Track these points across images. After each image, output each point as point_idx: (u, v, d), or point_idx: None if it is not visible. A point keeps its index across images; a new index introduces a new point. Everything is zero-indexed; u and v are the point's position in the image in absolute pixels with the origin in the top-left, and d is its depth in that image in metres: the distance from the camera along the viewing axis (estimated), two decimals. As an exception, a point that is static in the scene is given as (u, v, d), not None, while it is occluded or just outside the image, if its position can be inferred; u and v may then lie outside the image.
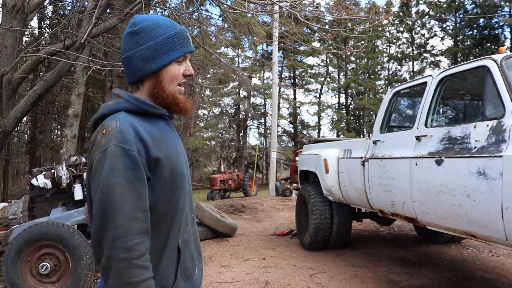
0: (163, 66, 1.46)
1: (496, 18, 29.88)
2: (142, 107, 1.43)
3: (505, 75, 3.19)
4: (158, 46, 1.44)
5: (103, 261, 1.28)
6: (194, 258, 1.57)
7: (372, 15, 8.17)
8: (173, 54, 1.46)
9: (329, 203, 6.20)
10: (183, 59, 1.51)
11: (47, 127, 18.24)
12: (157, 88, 1.47)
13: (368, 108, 35.98)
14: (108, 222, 1.26)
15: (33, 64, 7.29)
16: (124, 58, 1.48)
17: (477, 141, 3.21)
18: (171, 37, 1.47)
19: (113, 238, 1.25)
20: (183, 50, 1.49)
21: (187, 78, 1.56)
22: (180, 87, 1.53)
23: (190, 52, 1.53)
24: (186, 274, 1.50)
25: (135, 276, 1.25)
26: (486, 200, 3.02)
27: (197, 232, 1.65)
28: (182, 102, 1.52)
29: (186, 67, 1.53)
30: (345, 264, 5.55)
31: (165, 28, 1.47)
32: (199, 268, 1.61)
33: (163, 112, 1.49)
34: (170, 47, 1.46)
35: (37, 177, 5.14)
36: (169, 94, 1.48)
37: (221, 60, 11.39)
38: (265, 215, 10.42)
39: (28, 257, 4.33)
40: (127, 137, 1.33)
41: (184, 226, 1.52)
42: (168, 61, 1.46)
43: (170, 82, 1.48)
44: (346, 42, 32.16)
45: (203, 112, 35.50)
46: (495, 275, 5.02)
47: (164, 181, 1.41)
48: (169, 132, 1.52)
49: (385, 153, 4.57)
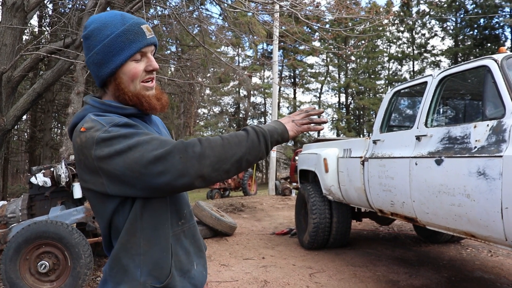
0: (115, 68, 1.37)
1: (496, 18, 29.91)
2: (109, 109, 1.38)
3: (506, 75, 3.18)
4: (106, 49, 1.35)
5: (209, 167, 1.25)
6: (191, 253, 1.48)
7: (372, 14, 8.17)
8: (123, 54, 1.36)
9: (328, 203, 6.20)
10: (141, 54, 1.39)
11: (47, 126, 18.24)
12: (118, 92, 1.39)
13: (368, 108, 36.02)
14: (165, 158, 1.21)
15: (32, 62, 7.29)
16: (86, 64, 1.45)
17: (477, 141, 3.20)
18: (119, 36, 1.36)
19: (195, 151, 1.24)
20: (135, 47, 1.37)
21: (154, 73, 1.44)
22: (146, 83, 1.41)
23: (147, 46, 1.40)
24: (181, 269, 1.42)
25: (210, 141, 1.28)
26: (486, 200, 3.01)
27: (196, 226, 1.57)
28: (147, 101, 1.41)
29: (148, 62, 1.41)
30: (344, 264, 5.55)
31: (112, 27, 1.37)
32: (200, 264, 1.53)
33: (131, 111, 1.40)
34: (119, 47, 1.35)
35: (36, 175, 5.13)
36: (131, 95, 1.39)
37: (221, 59, 11.37)
38: (264, 214, 10.42)
39: (26, 256, 4.32)
40: (108, 118, 1.30)
41: (175, 220, 1.44)
42: (119, 62, 1.36)
43: (130, 82, 1.39)
44: (346, 41, 32.16)
45: (203, 111, 35.57)
46: (494, 275, 5.01)
47: None
48: (145, 129, 1.42)
49: (385, 152, 4.56)
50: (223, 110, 36.80)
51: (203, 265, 1.56)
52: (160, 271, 1.36)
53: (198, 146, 1.25)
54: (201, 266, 1.54)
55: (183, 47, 17.17)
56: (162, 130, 1.61)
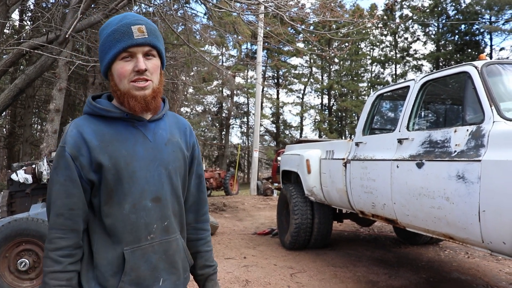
0: (107, 66, 1.45)
1: (476, 24, 30.41)
2: (96, 111, 1.47)
3: (485, 81, 3.26)
4: (101, 47, 1.46)
5: None
6: (158, 269, 1.48)
7: (356, 18, 8.24)
8: (110, 53, 1.42)
9: (310, 204, 6.25)
10: (130, 54, 1.41)
11: (27, 122, 17.97)
12: (112, 88, 1.47)
13: (350, 110, 36.24)
14: (48, 213, 1.43)
15: (14, 58, 7.18)
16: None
17: (457, 145, 3.28)
18: (110, 35, 1.42)
19: (48, 228, 1.41)
20: (119, 46, 1.40)
21: (146, 74, 1.43)
22: (136, 83, 1.42)
23: (134, 46, 1.41)
24: (138, 284, 1.44)
25: (47, 266, 1.37)
26: (464, 203, 3.08)
27: (173, 241, 1.55)
28: (129, 102, 1.43)
29: (135, 63, 1.42)
30: (325, 264, 5.60)
31: (109, 26, 1.45)
32: (169, 280, 1.52)
33: (117, 115, 1.46)
34: (108, 46, 1.42)
35: (17, 172, 5.07)
36: (120, 93, 1.44)
37: (205, 58, 11.36)
38: (246, 214, 10.44)
39: (6, 253, 4.25)
40: (67, 138, 1.41)
41: (143, 234, 1.46)
42: (107, 60, 1.43)
43: (119, 81, 1.43)
44: (330, 43, 32.34)
45: (186, 110, 35.33)
46: (470, 276, 5.12)
47: (107, 184, 1.41)
48: (130, 134, 1.47)
49: (367, 155, 4.62)
50: (206, 109, 36.61)
51: (174, 282, 1.54)
52: (106, 283, 1.43)
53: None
54: (171, 282, 1.53)
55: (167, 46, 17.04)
56: (167, 135, 1.57)
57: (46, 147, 8.89)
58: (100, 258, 1.42)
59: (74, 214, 1.40)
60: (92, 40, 9.60)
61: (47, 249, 1.37)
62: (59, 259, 1.36)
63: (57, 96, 9.60)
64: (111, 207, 1.42)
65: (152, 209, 1.48)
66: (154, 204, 1.48)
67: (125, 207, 1.43)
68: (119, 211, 1.43)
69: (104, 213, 1.43)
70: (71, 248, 1.38)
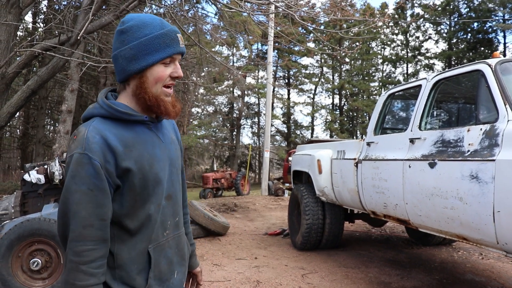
0: (146, 66, 1.42)
1: (490, 22, 30.13)
2: (115, 114, 1.42)
3: (499, 79, 3.21)
4: (141, 46, 1.41)
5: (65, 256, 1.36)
6: (173, 263, 1.58)
7: (367, 17, 8.19)
8: (157, 55, 1.42)
9: (321, 204, 6.22)
10: (171, 60, 1.46)
11: (40, 123, 18.15)
12: (140, 89, 1.44)
13: (361, 110, 36.09)
14: (66, 224, 1.34)
15: (27, 59, 7.24)
16: (112, 56, 1.49)
17: (470, 145, 3.23)
18: (157, 38, 1.42)
19: (69, 240, 1.33)
20: (169, 51, 1.44)
21: (175, 81, 1.51)
22: (166, 89, 1.47)
23: (178, 54, 1.48)
24: (160, 278, 1.51)
25: (79, 280, 1.31)
26: (478, 204, 3.04)
27: (182, 235, 1.66)
28: (164, 106, 1.47)
29: (174, 69, 1.48)
30: (337, 265, 5.57)
31: (151, 28, 1.43)
32: (180, 271, 1.63)
33: (139, 118, 1.46)
34: (155, 48, 1.42)
35: (29, 172, 5.11)
36: (151, 96, 1.44)
37: (216, 59, 11.36)
38: (257, 215, 10.42)
39: (19, 253, 4.29)
40: (92, 145, 1.34)
41: (160, 231, 1.52)
42: (151, 62, 1.42)
43: (154, 84, 1.44)
44: (340, 43, 32.25)
45: (196, 110, 35.48)
46: (485, 278, 5.06)
47: (134, 189, 1.42)
48: (148, 137, 1.49)
49: (379, 154, 4.59)
50: (217, 110, 36.76)
51: (183, 272, 1.66)
52: (134, 282, 1.45)
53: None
54: (182, 274, 1.64)
55: (178, 46, 17.13)
56: (169, 134, 1.65)
57: (58, 148, 8.96)
58: (123, 259, 1.43)
59: (105, 225, 1.36)
60: (103, 41, 9.66)
61: (77, 262, 1.30)
62: (94, 271, 1.33)
63: (69, 97, 9.68)
64: (136, 209, 1.44)
65: (166, 206, 1.55)
66: (168, 201, 1.56)
67: (150, 207, 1.47)
68: (143, 212, 1.46)
69: (127, 215, 1.43)
70: (103, 258, 1.37)
